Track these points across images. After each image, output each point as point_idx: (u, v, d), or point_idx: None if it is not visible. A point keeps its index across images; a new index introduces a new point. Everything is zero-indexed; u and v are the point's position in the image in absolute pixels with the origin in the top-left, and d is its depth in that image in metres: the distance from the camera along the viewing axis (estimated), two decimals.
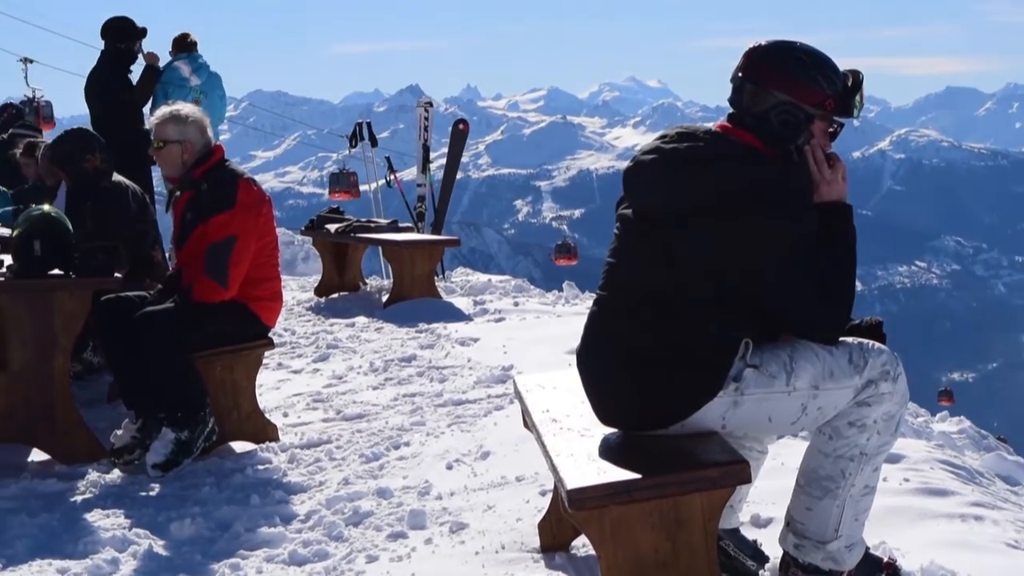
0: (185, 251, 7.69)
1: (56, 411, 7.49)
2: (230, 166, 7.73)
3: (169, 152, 7.70)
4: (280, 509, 6.51)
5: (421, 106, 20.05)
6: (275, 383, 9.65)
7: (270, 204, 7.77)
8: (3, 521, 6.54)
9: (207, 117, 7.90)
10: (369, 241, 13.98)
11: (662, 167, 4.60)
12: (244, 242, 7.49)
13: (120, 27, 13.41)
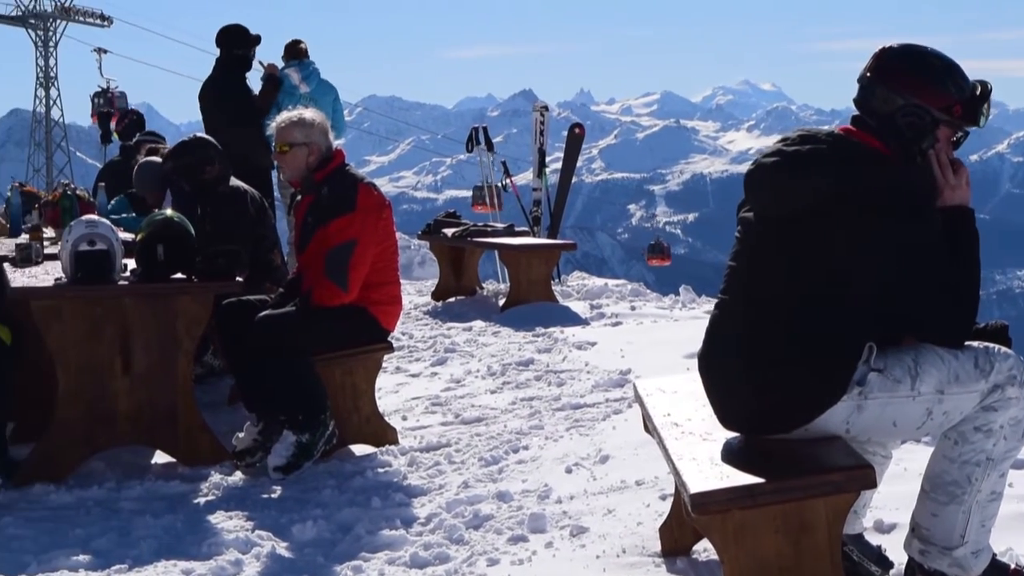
0: (306, 255, 7.75)
1: (179, 413, 7.58)
2: (350, 170, 7.78)
3: (294, 155, 7.75)
4: (401, 512, 6.53)
5: (537, 110, 20.04)
6: (394, 386, 9.69)
7: (390, 208, 7.80)
8: (128, 522, 6.64)
9: (328, 121, 7.96)
10: (486, 245, 14.01)
11: (783, 169, 4.56)
12: (364, 246, 7.52)
13: (236, 34, 13.53)
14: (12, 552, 6.23)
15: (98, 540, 6.34)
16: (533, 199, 19.41)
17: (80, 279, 7.33)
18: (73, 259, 7.31)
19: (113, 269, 7.38)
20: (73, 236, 7.34)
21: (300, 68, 13.88)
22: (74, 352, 7.41)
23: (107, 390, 7.46)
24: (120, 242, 7.47)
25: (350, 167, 7.83)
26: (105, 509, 6.95)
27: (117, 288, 7.41)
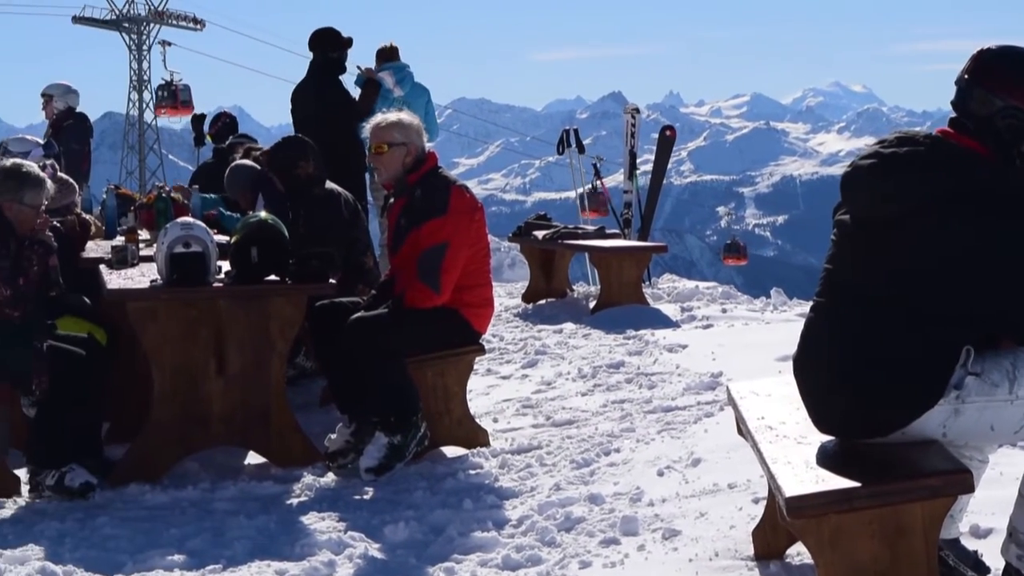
0: (398, 257, 7.78)
1: (272, 415, 7.64)
2: (443, 173, 7.80)
3: (392, 155, 7.77)
4: (492, 514, 6.54)
5: (628, 112, 20.00)
6: (485, 388, 9.71)
7: (482, 211, 7.81)
8: (222, 523, 6.69)
9: (422, 124, 7.99)
10: (577, 247, 13.99)
11: (880, 171, 4.53)
12: (456, 248, 7.54)
13: (330, 37, 13.58)
14: (108, 551, 6.31)
15: (192, 540, 6.40)
16: (624, 201, 19.38)
17: (175, 281, 7.40)
18: (168, 261, 7.38)
19: (208, 271, 7.44)
20: (168, 238, 7.41)
21: (394, 71, 13.91)
22: (169, 353, 7.49)
23: (201, 391, 7.53)
24: (215, 244, 7.54)
25: (442, 170, 7.85)
26: (199, 509, 7.03)
27: (212, 290, 7.48)
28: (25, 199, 7.50)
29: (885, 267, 4.49)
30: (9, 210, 7.47)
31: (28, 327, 7.45)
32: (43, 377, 7.33)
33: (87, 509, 7.06)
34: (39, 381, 7.34)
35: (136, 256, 8.56)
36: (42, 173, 7.75)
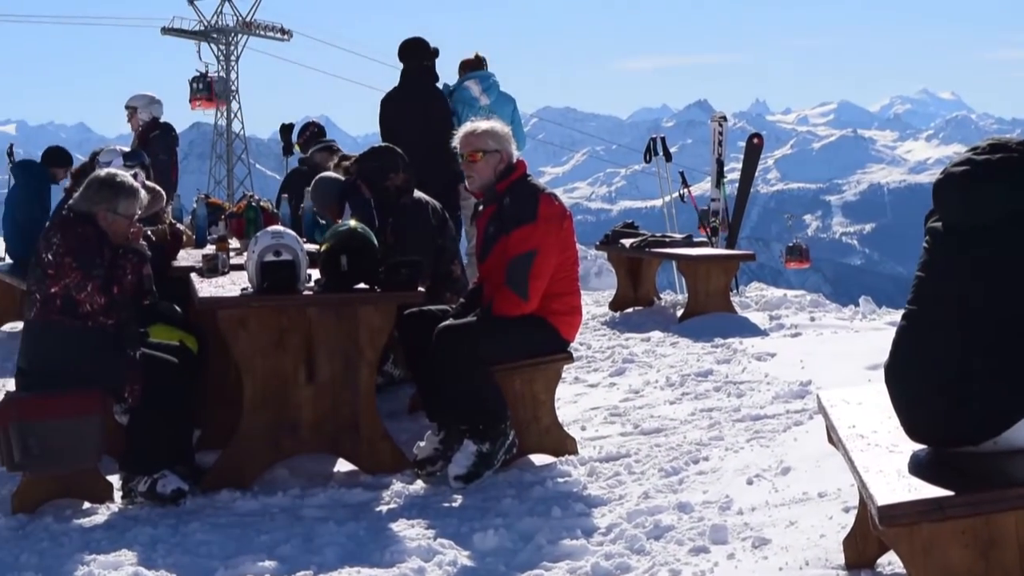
0: (487, 265, 7.80)
1: (361, 422, 7.67)
2: (531, 181, 7.81)
3: (486, 163, 7.79)
4: (581, 522, 6.53)
5: (715, 121, 19.94)
6: (572, 397, 9.70)
7: (570, 219, 7.81)
8: (312, 529, 6.73)
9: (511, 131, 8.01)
10: (664, 256, 13.98)
11: (971, 179, 4.49)
12: (545, 256, 7.55)
13: (420, 47, 13.62)
14: (200, 557, 6.37)
15: (283, 546, 6.44)
16: (711, 209, 19.33)
17: (266, 289, 7.46)
18: (259, 269, 7.44)
19: (298, 279, 7.49)
20: (259, 247, 7.47)
21: (480, 80, 13.92)
22: (260, 361, 7.54)
23: (291, 399, 7.58)
24: (305, 252, 7.59)
25: (531, 177, 7.86)
26: (289, 516, 7.07)
27: (302, 298, 7.53)
28: (119, 208, 7.59)
29: (974, 275, 4.45)
30: (103, 219, 7.56)
31: (122, 335, 7.54)
32: (136, 385, 7.41)
33: (179, 515, 7.13)
34: (132, 389, 7.42)
35: (227, 264, 8.63)
36: (135, 183, 7.84)
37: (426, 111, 13.16)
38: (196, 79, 65.64)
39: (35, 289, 7.53)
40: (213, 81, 65.15)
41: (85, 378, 7.36)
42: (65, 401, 7.26)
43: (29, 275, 7.67)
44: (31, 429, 7.15)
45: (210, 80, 65.14)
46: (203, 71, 65.30)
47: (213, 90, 64.90)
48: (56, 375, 7.40)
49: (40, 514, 7.32)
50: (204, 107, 65.85)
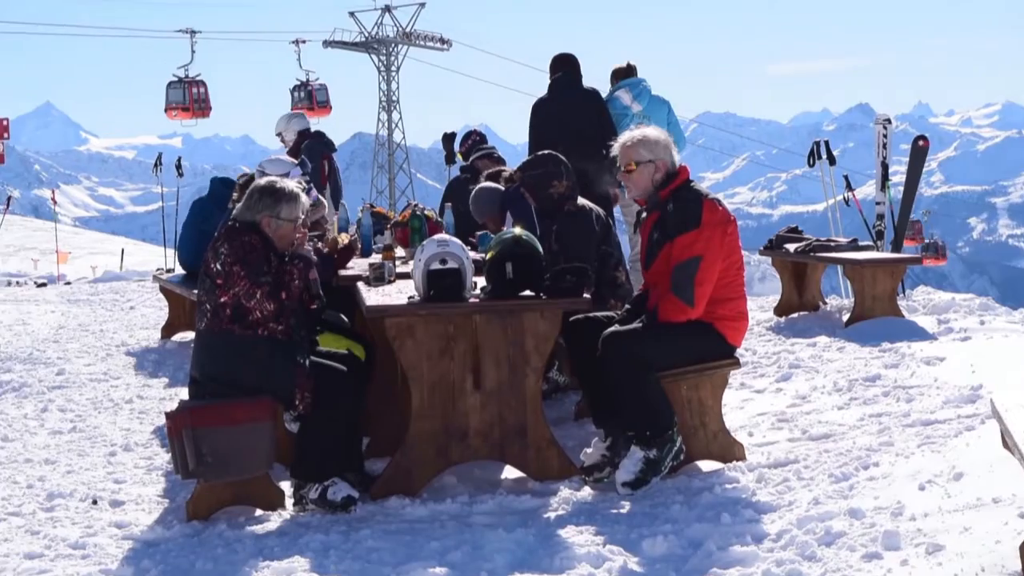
0: (652, 271, 7.79)
1: (528, 429, 7.69)
2: (695, 186, 7.77)
3: (641, 173, 7.80)
4: (751, 528, 6.48)
5: (879, 123, 19.68)
6: (739, 402, 9.64)
7: (735, 223, 7.76)
8: (481, 536, 6.77)
9: (671, 138, 7.97)
10: (829, 260, 13.82)
11: None
12: (709, 261, 7.51)
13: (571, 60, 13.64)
14: (371, 563, 6.45)
15: (453, 553, 6.49)
16: (876, 213, 19.08)
17: (432, 297, 7.51)
18: (425, 277, 7.49)
19: (464, 287, 7.53)
20: (425, 255, 7.52)
21: (630, 87, 13.89)
22: (427, 368, 7.59)
23: (459, 406, 7.63)
24: (471, 260, 7.63)
25: (694, 183, 7.83)
26: (459, 523, 7.12)
27: (468, 306, 7.57)
28: (282, 214, 7.70)
29: None
30: (267, 226, 7.68)
31: (291, 343, 7.64)
32: (306, 393, 7.51)
33: (349, 522, 7.21)
34: (302, 396, 7.51)
35: (393, 273, 8.70)
36: (296, 188, 7.94)
37: (578, 115, 13.17)
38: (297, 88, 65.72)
39: (205, 299, 7.66)
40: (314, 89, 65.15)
41: (256, 386, 7.49)
42: (237, 409, 7.39)
43: (199, 285, 7.81)
44: (204, 437, 7.28)
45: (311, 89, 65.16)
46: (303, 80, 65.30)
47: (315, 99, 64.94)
48: (228, 383, 7.54)
49: (214, 521, 7.45)
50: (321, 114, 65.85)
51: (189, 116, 63.82)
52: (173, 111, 63.06)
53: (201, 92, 63.59)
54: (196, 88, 63.39)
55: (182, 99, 62.58)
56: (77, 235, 45.67)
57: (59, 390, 12.24)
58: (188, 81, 63.39)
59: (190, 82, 63.48)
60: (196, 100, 62.97)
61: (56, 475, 8.90)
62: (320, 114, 65.00)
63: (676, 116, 14.06)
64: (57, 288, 23.89)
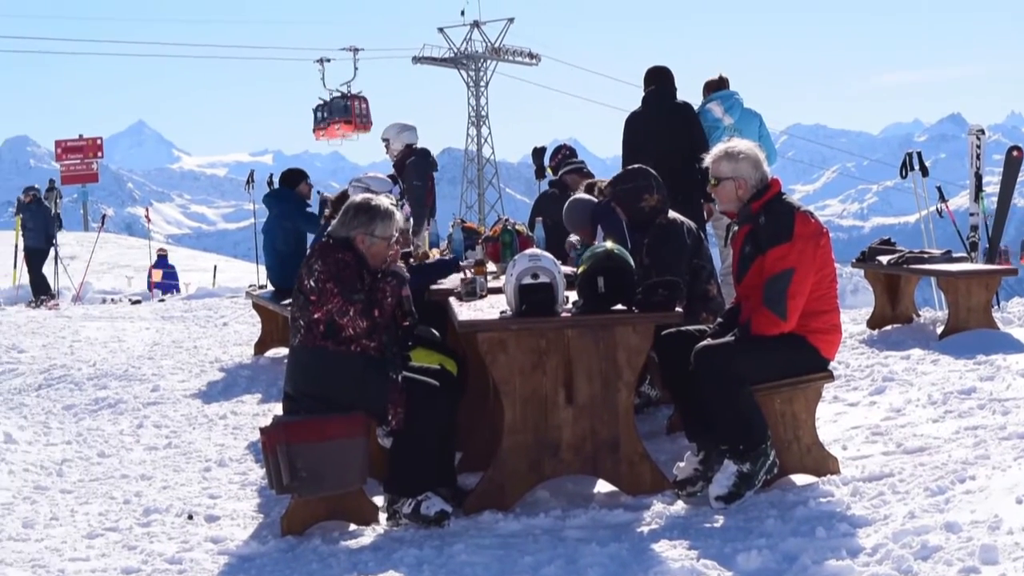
0: (744, 284, 7.76)
1: (621, 443, 7.69)
2: (787, 199, 7.72)
3: (724, 188, 7.79)
4: (846, 542, 6.42)
5: (973, 134, 19.48)
6: (832, 416, 9.57)
7: (827, 236, 7.70)
8: (575, 550, 6.77)
9: (762, 152, 7.92)
10: (923, 272, 13.69)
11: None
12: (802, 274, 7.47)
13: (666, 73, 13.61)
14: None
15: (546, 568, 6.49)
16: (970, 224, 18.88)
17: (524, 311, 7.53)
18: (517, 292, 7.51)
19: (556, 301, 7.54)
20: (517, 270, 7.54)
21: (722, 100, 13.86)
22: (519, 383, 7.61)
23: (551, 420, 7.63)
24: (562, 275, 7.63)
25: (786, 196, 7.79)
26: (552, 537, 7.12)
27: (560, 320, 7.58)
28: (376, 232, 7.75)
29: None
30: (361, 243, 7.73)
31: (384, 359, 7.68)
32: (399, 408, 7.55)
33: (443, 536, 7.24)
34: (395, 412, 7.55)
35: (485, 288, 8.72)
36: (391, 205, 7.98)
37: (671, 129, 13.14)
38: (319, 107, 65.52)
39: (299, 315, 7.73)
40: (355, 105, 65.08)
41: (349, 402, 7.54)
42: (331, 424, 7.44)
43: (292, 302, 7.87)
44: (298, 452, 7.34)
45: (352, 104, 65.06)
46: (327, 99, 65.16)
47: (354, 113, 64.88)
48: (321, 399, 7.60)
49: (308, 536, 7.52)
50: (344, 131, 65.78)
51: (351, 130, 65.49)
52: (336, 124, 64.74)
53: (363, 107, 65.44)
54: (358, 103, 65.11)
55: (344, 113, 64.31)
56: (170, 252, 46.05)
57: (154, 406, 12.40)
58: (351, 97, 65.09)
59: (352, 97, 65.17)
60: (359, 115, 64.70)
61: (152, 490, 9.01)
62: (361, 130, 65.11)
63: (767, 129, 14.00)
64: (151, 305, 24.16)
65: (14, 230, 31.53)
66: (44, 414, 12.33)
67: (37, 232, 28.31)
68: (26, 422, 11.86)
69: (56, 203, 33.60)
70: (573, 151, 15.06)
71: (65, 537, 7.88)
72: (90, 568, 7.19)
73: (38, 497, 9.01)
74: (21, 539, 7.90)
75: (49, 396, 13.25)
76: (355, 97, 66.25)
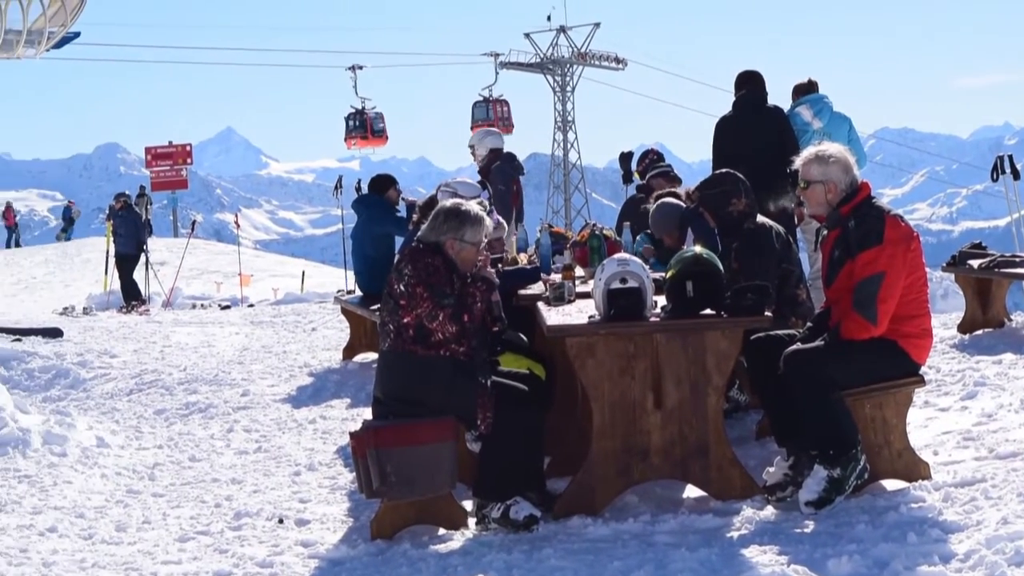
0: (833, 288, 7.71)
1: (710, 448, 7.67)
2: (877, 203, 7.67)
3: (813, 192, 7.75)
4: (938, 548, 6.38)
5: None
6: (923, 421, 9.49)
7: (918, 239, 7.64)
8: (664, 555, 6.77)
9: (852, 155, 7.86)
10: (1015, 276, 13.55)
11: None
12: (892, 278, 7.42)
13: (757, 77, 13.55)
14: None
15: (636, 572, 6.51)
16: None
17: (613, 316, 7.53)
18: (606, 296, 7.51)
19: (645, 306, 7.54)
20: (605, 274, 7.54)
21: (811, 104, 13.77)
22: (608, 388, 7.61)
23: (640, 425, 7.63)
24: (651, 279, 7.63)
25: (876, 199, 7.73)
26: (641, 542, 7.12)
27: (649, 325, 7.58)
28: (466, 237, 7.78)
29: None
30: (451, 248, 7.77)
31: (473, 363, 7.71)
32: (488, 412, 7.57)
33: (532, 541, 7.26)
34: (484, 416, 7.58)
35: (573, 293, 8.72)
36: (480, 211, 8.01)
37: (762, 132, 13.07)
38: (351, 116, 65.03)
39: (388, 320, 7.77)
40: (369, 118, 64.66)
41: (439, 406, 7.57)
42: (420, 429, 7.48)
43: (382, 306, 7.92)
44: (388, 456, 7.38)
45: (366, 117, 64.68)
46: (359, 107, 64.76)
47: (369, 126, 64.55)
48: (411, 403, 7.64)
49: (398, 540, 7.57)
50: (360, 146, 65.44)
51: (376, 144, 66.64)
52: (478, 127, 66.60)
53: (505, 111, 67.44)
54: (500, 107, 67.08)
55: (486, 116, 66.33)
56: (258, 258, 46.38)
57: (244, 411, 12.52)
58: (493, 101, 66.93)
59: (495, 101, 66.98)
60: (500, 118, 66.55)
61: (243, 494, 9.10)
62: (376, 143, 64.95)
63: (857, 133, 13.90)
64: (240, 310, 24.35)
65: (105, 236, 31.88)
66: (136, 419, 12.48)
67: (128, 238, 28.62)
68: (118, 426, 12.01)
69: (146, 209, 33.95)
70: (660, 155, 15.01)
71: (157, 540, 7.99)
72: (182, 571, 7.29)
73: (130, 501, 9.12)
74: (114, 542, 8.01)
75: (141, 401, 13.41)
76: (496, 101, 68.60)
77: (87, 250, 44.03)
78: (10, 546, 7.84)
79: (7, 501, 8.92)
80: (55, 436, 10.67)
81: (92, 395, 13.89)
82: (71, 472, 9.90)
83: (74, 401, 13.56)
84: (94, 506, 8.93)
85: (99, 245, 37.00)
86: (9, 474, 9.73)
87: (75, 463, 10.18)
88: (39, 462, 10.09)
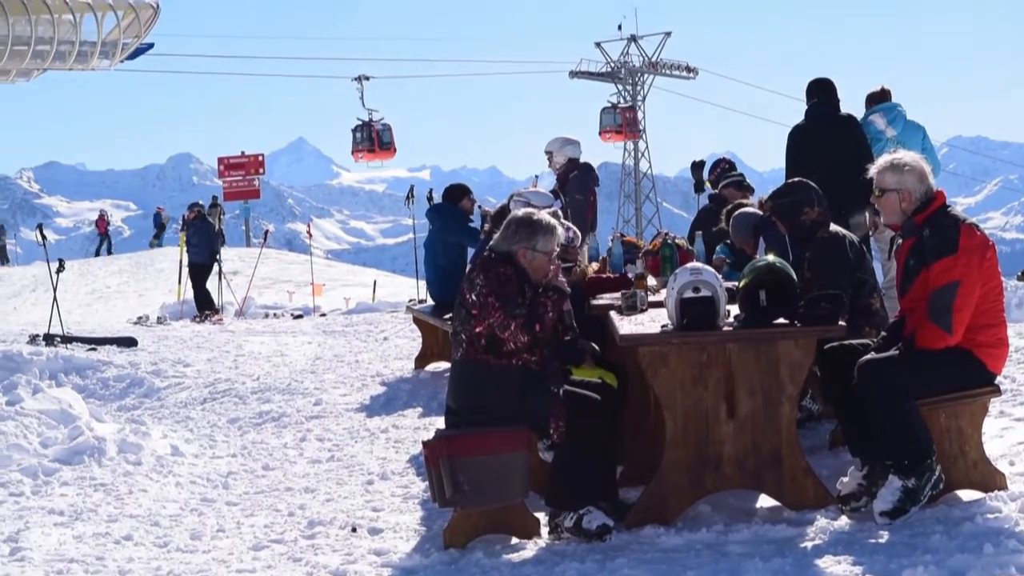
0: (908, 298, 7.66)
1: (783, 458, 7.64)
2: (952, 211, 7.61)
3: (888, 200, 7.71)
4: (1015, 559, 6.31)
5: None
6: (998, 431, 9.39)
7: (993, 248, 7.58)
8: (738, 565, 6.73)
9: (927, 164, 7.81)
10: None
11: None
12: (967, 287, 7.36)
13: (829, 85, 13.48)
14: None
15: None
16: None
17: (686, 325, 7.52)
18: (679, 306, 7.50)
19: (718, 315, 7.52)
20: (678, 283, 7.53)
21: (884, 112, 13.70)
22: (681, 397, 7.60)
23: (713, 434, 7.61)
24: (724, 288, 7.61)
25: (951, 208, 7.68)
26: (714, 552, 7.10)
27: (722, 334, 7.56)
28: (538, 246, 7.79)
29: None
30: (523, 257, 7.78)
31: (545, 373, 7.72)
32: (560, 422, 7.58)
33: (605, 551, 7.25)
34: (556, 425, 7.59)
35: (645, 302, 8.72)
36: (552, 220, 8.01)
37: (835, 141, 12.98)
38: (358, 128, 63.82)
39: (460, 329, 7.79)
40: (376, 131, 63.69)
41: (511, 416, 7.59)
42: (493, 438, 7.50)
43: (454, 316, 7.95)
44: (461, 465, 7.40)
45: (373, 129, 63.77)
46: (367, 119, 63.86)
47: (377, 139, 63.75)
48: (483, 413, 7.66)
49: (471, 549, 7.58)
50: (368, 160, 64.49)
51: (622, 139, 76.55)
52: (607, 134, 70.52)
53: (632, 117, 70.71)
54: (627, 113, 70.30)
55: (613, 122, 69.53)
56: (330, 267, 46.58)
57: (317, 420, 12.58)
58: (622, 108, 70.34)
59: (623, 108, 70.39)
60: (628, 123, 69.56)
61: (316, 503, 9.15)
62: (383, 156, 64.12)
63: (930, 141, 13.81)
64: (313, 320, 24.47)
65: (179, 246, 32.13)
66: (210, 427, 12.59)
67: (201, 248, 28.81)
68: (192, 435, 12.11)
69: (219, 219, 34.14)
70: (732, 164, 15.00)
71: (231, 549, 8.05)
72: None
73: (205, 509, 9.20)
74: (189, 550, 8.08)
75: (214, 409, 13.52)
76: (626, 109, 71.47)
77: (160, 260, 44.40)
78: (87, 554, 7.93)
79: (83, 509, 9.03)
80: (130, 445, 10.78)
81: (166, 404, 14.03)
82: (146, 480, 10.00)
83: (148, 410, 13.70)
84: (169, 514, 9.01)
85: (173, 255, 37.30)
86: (85, 482, 9.84)
87: (150, 471, 10.28)
88: (114, 470, 10.20)
